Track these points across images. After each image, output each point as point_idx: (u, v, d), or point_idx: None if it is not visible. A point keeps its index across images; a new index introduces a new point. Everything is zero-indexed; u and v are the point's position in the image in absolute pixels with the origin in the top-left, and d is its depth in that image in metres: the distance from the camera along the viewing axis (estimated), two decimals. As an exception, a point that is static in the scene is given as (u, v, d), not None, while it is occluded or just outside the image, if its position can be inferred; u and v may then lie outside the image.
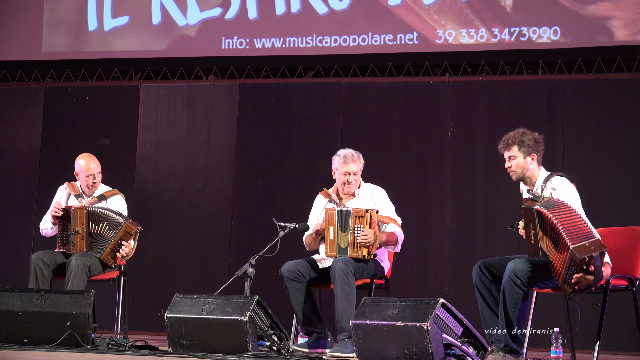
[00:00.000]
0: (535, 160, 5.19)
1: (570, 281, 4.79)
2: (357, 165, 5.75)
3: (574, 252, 4.71)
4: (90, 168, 6.25)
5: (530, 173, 5.20)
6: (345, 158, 5.74)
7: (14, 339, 5.19)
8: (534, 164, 5.19)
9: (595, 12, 7.42)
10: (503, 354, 4.97)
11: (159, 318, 6.93)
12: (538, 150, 5.19)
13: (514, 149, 5.20)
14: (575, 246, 4.72)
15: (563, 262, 4.79)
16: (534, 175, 5.21)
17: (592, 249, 4.74)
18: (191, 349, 4.96)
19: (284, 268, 5.57)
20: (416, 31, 7.73)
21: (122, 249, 6.03)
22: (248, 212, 7.82)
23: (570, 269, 4.77)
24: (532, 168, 5.19)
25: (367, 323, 4.54)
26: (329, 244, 5.58)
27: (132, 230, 6.05)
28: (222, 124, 8.01)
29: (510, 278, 4.92)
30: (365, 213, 5.51)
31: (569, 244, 4.73)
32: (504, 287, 4.95)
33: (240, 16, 8.08)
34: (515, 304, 4.92)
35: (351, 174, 5.73)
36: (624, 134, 7.26)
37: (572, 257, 4.73)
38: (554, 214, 4.83)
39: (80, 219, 6.05)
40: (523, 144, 5.17)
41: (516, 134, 5.22)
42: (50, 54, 8.40)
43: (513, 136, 5.22)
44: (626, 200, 7.15)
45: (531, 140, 5.18)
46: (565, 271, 4.77)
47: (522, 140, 5.17)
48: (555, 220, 4.80)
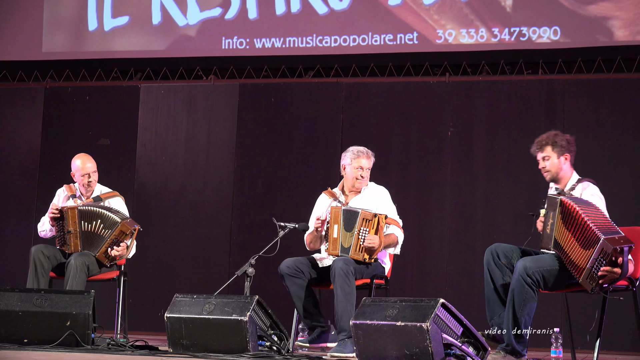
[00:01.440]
0: (568, 161, 5.25)
1: (595, 275, 4.79)
2: (369, 161, 5.82)
3: (606, 242, 4.72)
4: (86, 167, 6.26)
5: (563, 173, 5.25)
6: (359, 153, 5.80)
7: (14, 339, 5.19)
8: (567, 164, 5.25)
9: (595, 12, 7.42)
10: (504, 353, 4.96)
11: (159, 318, 6.93)
12: (571, 151, 5.26)
13: (548, 149, 5.25)
14: (607, 237, 4.74)
15: (588, 255, 4.77)
16: (566, 176, 5.26)
17: (621, 242, 4.77)
18: (191, 349, 4.96)
19: (284, 265, 5.57)
20: (416, 31, 7.73)
21: (116, 248, 6.03)
22: (248, 212, 7.82)
23: (598, 261, 4.77)
24: (566, 168, 5.25)
25: (367, 323, 4.54)
26: (332, 242, 5.57)
27: (128, 229, 6.05)
28: (222, 124, 8.00)
29: (521, 276, 4.91)
30: (373, 217, 5.50)
31: (599, 235, 4.75)
32: (514, 286, 4.94)
33: (240, 16, 8.08)
34: (524, 303, 4.91)
35: (364, 169, 5.76)
36: (624, 134, 7.26)
37: (604, 248, 4.73)
38: (580, 207, 4.87)
39: (72, 219, 6.07)
40: (556, 144, 5.23)
41: (549, 135, 5.28)
42: (50, 54, 8.40)
43: (546, 137, 5.28)
44: (626, 200, 7.15)
45: (564, 140, 5.24)
46: (592, 264, 4.77)
47: (555, 141, 5.24)
48: (582, 213, 4.83)
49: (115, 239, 6.03)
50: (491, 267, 5.14)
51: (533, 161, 7.17)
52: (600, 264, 4.78)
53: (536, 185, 7.19)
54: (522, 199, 7.25)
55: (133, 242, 6.15)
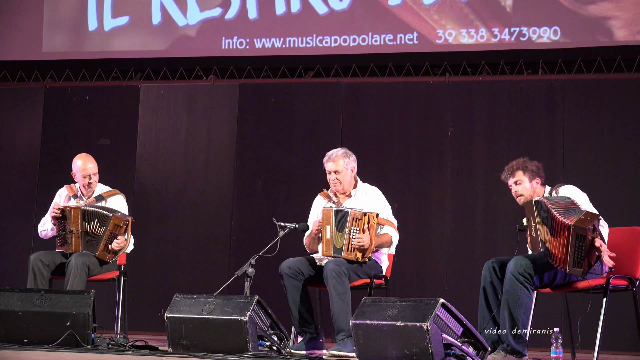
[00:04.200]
0: (539, 184, 5.32)
1: (579, 260, 4.85)
2: (337, 164, 5.72)
3: (577, 225, 4.82)
4: (87, 168, 6.26)
5: (537, 195, 5.28)
6: (327, 157, 5.77)
7: (14, 339, 5.18)
8: (538, 187, 5.32)
9: (595, 12, 7.42)
10: (504, 353, 4.97)
11: (159, 318, 6.93)
12: (541, 176, 5.34)
13: (519, 174, 5.32)
14: (574, 222, 4.84)
15: (564, 243, 4.86)
16: (540, 194, 5.29)
17: (589, 219, 4.87)
18: (191, 349, 4.96)
19: (284, 265, 5.57)
20: (416, 31, 7.73)
21: (115, 242, 6.03)
22: (248, 212, 7.82)
23: (577, 246, 4.84)
24: (538, 191, 5.32)
25: (367, 323, 4.54)
26: (325, 243, 5.57)
27: (121, 222, 6.05)
28: (222, 124, 8.01)
29: (513, 275, 4.95)
30: (362, 216, 5.49)
31: (567, 222, 4.85)
32: (507, 286, 4.96)
33: (240, 16, 8.08)
34: (518, 302, 4.93)
35: (332, 172, 5.73)
36: (624, 134, 7.26)
37: (577, 232, 4.82)
38: (550, 202, 5.02)
39: (75, 219, 6.07)
40: (527, 169, 5.31)
41: (518, 161, 5.37)
42: (50, 54, 8.41)
43: (516, 163, 5.36)
44: (626, 200, 7.15)
45: (533, 166, 5.33)
46: (572, 251, 4.85)
47: (526, 166, 5.32)
48: (551, 206, 4.96)
49: (111, 234, 6.03)
50: (487, 283, 5.17)
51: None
52: (581, 249, 4.86)
53: (536, 185, 7.21)
54: (522, 199, 7.24)
55: (129, 235, 6.15)
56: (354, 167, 5.77)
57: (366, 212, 5.51)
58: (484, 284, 5.18)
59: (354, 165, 5.77)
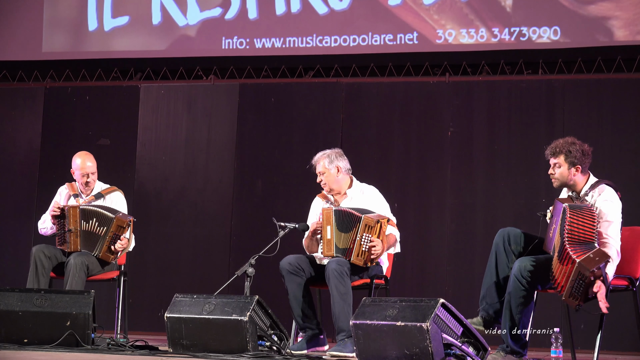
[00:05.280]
0: (579, 172, 5.14)
1: (577, 294, 4.77)
2: (319, 165, 5.72)
3: (582, 265, 4.71)
4: (86, 167, 6.27)
5: (573, 182, 5.15)
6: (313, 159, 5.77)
7: (14, 339, 5.18)
8: (577, 175, 5.14)
9: (595, 12, 7.41)
10: (504, 354, 4.97)
11: (159, 318, 6.94)
12: (584, 163, 5.14)
13: (561, 157, 5.12)
14: (581, 260, 4.72)
15: (566, 273, 4.77)
16: (577, 184, 5.16)
17: (597, 260, 4.73)
18: (191, 349, 4.96)
19: (285, 261, 5.56)
20: (416, 31, 7.73)
21: (119, 242, 6.04)
22: (248, 212, 7.82)
23: (577, 282, 4.75)
24: (575, 178, 5.15)
25: (367, 323, 4.54)
26: (325, 243, 5.56)
27: (124, 222, 6.06)
28: (222, 124, 8.01)
29: (516, 277, 4.92)
30: (375, 224, 5.47)
31: (574, 257, 4.73)
32: (510, 287, 4.95)
33: (240, 16, 8.08)
34: (520, 304, 4.92)
35: (319, 174, 5.74)
36: (624, 134, 7.26)
37: (580, 270, 4.72)
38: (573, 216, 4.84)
39: (74, 218, 6.07)
40: (570, 154, 5.11)
41: (565, 143, 5.15)
42: (50, 54, 8.40)
43: (562, 144, 5.14)
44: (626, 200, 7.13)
45: (579, 151, 5.11)
46: (572, 284, 4.76)
47: (570, 151, 5.11)
48: (567, 233, 4.80)
49: (114, 235, 6.04)
50: (499, 251, 5.12)
51: (533, 161, 7.21)
52: (580, 286, 4.75)
53: (536, 185, 7.21)
54: (522, 198, 7.25)
55: (131, 234, 6.16)
56: (340, 167, 5.71)
57: (379, 219, 5.49)
58: (496, 248, 5.13)
59: (341, 165, 5.72)
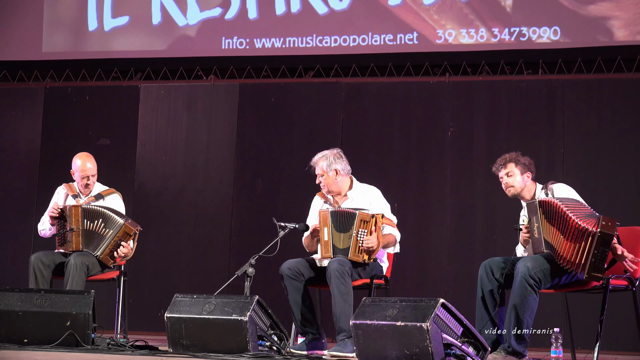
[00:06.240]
0: (530, 179, 5.35)
1: (600, 265, 4.85)
2: (318, 167, 5.73)
3: (604, 232, 4.82)
4: (86, 168, 6.26)
5: (527, 190, 5.33)
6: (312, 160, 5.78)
7: (14, 339, 5.18)
8: (529, 181, 5.35)
9: (595, 12, 7.42)
10: (505, 353, 4.97)
11: (159, 318, 6.93)
12: (532, 171, 5.37)
13: (510, 165, 5.34)
14: (601, 229, 4.83)
15: (584, 248, 4.84)
16: (530, 192, 5.34)
17: (610, 225, 4.87)
18: (191, 349, 4.96)
19: (285, 266, 5.56)
20: (416, 31, 7.73)
21: (121, 249, 6.04)
22: (248, 212, 7.82)
23: (601, 252, 4.85)
24: (529, 185, 5.34)
25: (367, 323, 4.54)
26: (323, 245, 5.56)
27: (132, 231, 6.06)
28: (222, 124, 8.01)
29: (524, 278, 4.93)
30: (370, 218, 5.48)
31: (592, 229, 4.84)
32: (516, 288, 4.95)
33: (240, 16, 8.08)
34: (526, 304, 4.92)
35: (317, 175, 5.74)
36: (624, 134, 7.26)
37: (604, 238, 4.81)
38: (561, 202, 5.00)
39: (76, 217, 6.07)
40: (519, 162, 5.34)
41: (511, 154, 5.39)
42: (50, 54, 8.41)
43: (508, 156, 5.39)
44: (626, 200, 7.15)
45: (525, 160, 5.36)
46: (594, 257, 4.85)
47: (518, 159, 5.35)
48: (566, 209, 4.95)
49: (119, 240, 6.04)
50: (484, 283, 5.16)
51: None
52: (604, 255, 4.86)
53: (536, 185, 7.20)
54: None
55: (135, 244, 6.17)
56: (338, 170, 5.70)
57: (374, 214, 5.51)
58: (482, 292, 5.17)
59: (340, 167, 5.71)
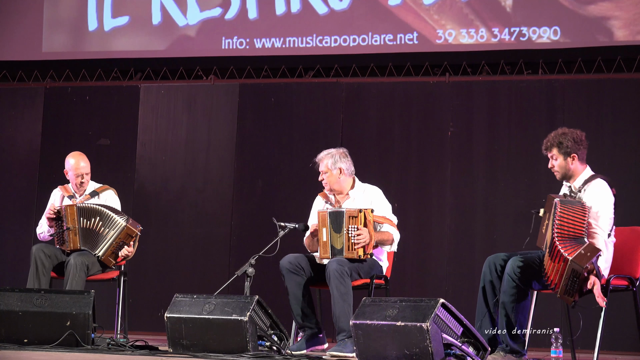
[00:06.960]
0: (576, 160, 5.17)
1: (572, 291, 4.79)
2: (322, 164, 5.73)
3: (575, 262, 4.72)
4: (80, 167, 6.27)
5: (572, 172, 5.18)
6: (317, 157, 5.78)
7: (14, 339, 5.18)
8: (575, 163, 5.17)
9: (595, 12, 7.41)
10: (504, 353, 4.97)
11: (159, 318, 6.93)
12: (579, 150, 5.18)
13: (554, 150, 5.17)
14: (574, 257, 4.74)
15: (559, 271, 4.79)
16: (576, 174, 5.18)
17: (588, 255, 4.76)
18: (191, 349, 4.96)
19: (285, 260, 5.56)
20: (416, 31, 7.73)
21: (125, 250, 6.06)
22: (248, 212, 7.82)
23: (571, 279, 4.77)
24: (574, 167, 5.18)
25: (367, 323, 4.54)
26: (322, 246, 5.55)
27: (134, 232, 6.07)
28: (222, 124, 8.01)
29: (509, 275, 4.94)
30: (358, 213, 5.47)
31: (566, 255, 4.75)
32: (504, 287, 4.96)
33: (240, 16, 8.08)
34: (515, 303, 4.92)
35: (321, 173, 5.74)
36: (624, 134, 7.26)
37: (573, 267, 4.73)
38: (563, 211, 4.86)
39: (71, 216, 6.08)
40: (562, 145, 5.15)
41: (555, 135, 5.20)
42: (50, 54, 8.40)
43: (553, 137, 5.20)
44: (626, 200, 7.14)
45: (570, 140, 5.15)
46: (565, 282, 4.78)
47: (561, 142, 5.16)
48: (556, 229, 4.83)
49: (121, 242, 6.05)
50: (487, 281, 5.13)
51: (533, 161, 7.21)
52: (575, 282, 4.77)
53: (536, 185, 7.21)
54: (522, 198, 7.25)
55: (137, 245, 6.18)
56: (343, 168, 5.71)
57: (361, 208, 5.51)
58: (484, 282, 5.15)
59: (344, 166, 5.71)
